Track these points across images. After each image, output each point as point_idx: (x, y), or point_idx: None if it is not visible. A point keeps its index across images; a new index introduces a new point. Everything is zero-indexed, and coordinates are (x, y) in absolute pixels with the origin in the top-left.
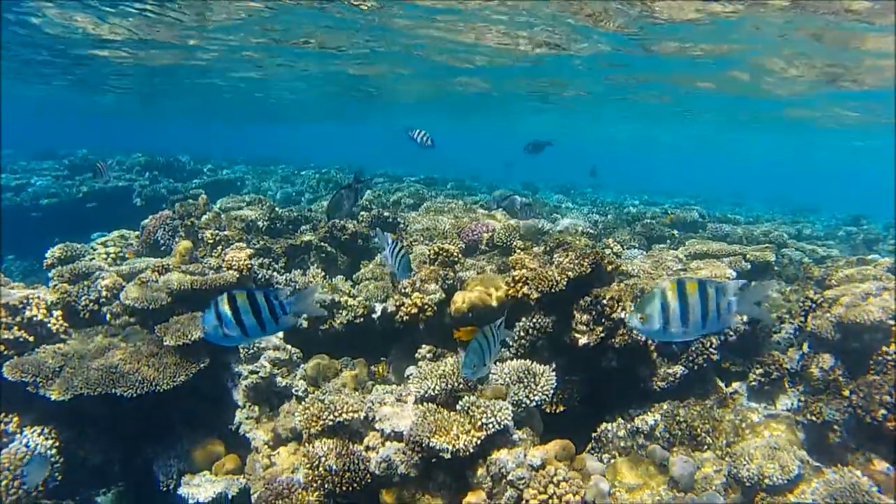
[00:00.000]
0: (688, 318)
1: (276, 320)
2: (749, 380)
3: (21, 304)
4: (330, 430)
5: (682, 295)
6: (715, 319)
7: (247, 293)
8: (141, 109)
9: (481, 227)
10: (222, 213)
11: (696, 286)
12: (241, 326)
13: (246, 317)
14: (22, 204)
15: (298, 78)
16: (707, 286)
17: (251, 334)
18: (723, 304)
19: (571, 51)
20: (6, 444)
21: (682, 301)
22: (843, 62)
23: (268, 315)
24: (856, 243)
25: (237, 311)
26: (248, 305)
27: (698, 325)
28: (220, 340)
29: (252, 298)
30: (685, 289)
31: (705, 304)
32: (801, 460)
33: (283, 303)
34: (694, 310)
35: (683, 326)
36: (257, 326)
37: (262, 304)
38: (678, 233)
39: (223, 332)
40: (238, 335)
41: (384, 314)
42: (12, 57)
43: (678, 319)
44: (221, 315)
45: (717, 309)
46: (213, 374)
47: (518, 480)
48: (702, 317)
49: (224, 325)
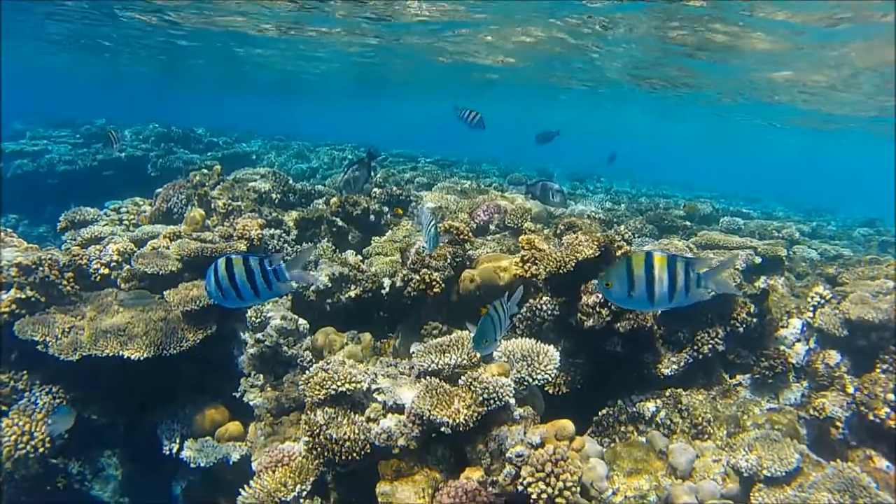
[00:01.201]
0: (654, 289)
1: (270, 286)
2: (754, 372)
3: (34, 265)
4: (332, 400)
5: (650, 266)
6: (683, 293)
7: (242, 258)
8: (161, 78)
9: (493, 208)
10: (236, 184)
11: (664, 259)
12: (236, 290)
13: (241, 282)
14: (39, 170)
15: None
16: (676, 260)
17: (246, 299)
18: (692, 279)
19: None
20: (16, 400)
21: (649, 272)
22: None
23: (261, 281)
24: (870, 244)
25: (232, 276)
26: (243, 271)
27: (665, 297)
28: (221, 301)
29: (247, 264)
30: (653, 261)
31: (673, 278)
32: (800, 454)
33: (276, 269)
34: (661, 282)
35: (649, 297)
36: (252, 292)
37: (256, 270)
38: (690, 224)
39: (221, 294)
40: (233, 298)
41: (392, 289)
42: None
43: (643, 289)
44: (219, 279)
45: (686, 283)
46: (220, 341)
47: (516, 458)
48: (669, 289)
49: (221, 288)
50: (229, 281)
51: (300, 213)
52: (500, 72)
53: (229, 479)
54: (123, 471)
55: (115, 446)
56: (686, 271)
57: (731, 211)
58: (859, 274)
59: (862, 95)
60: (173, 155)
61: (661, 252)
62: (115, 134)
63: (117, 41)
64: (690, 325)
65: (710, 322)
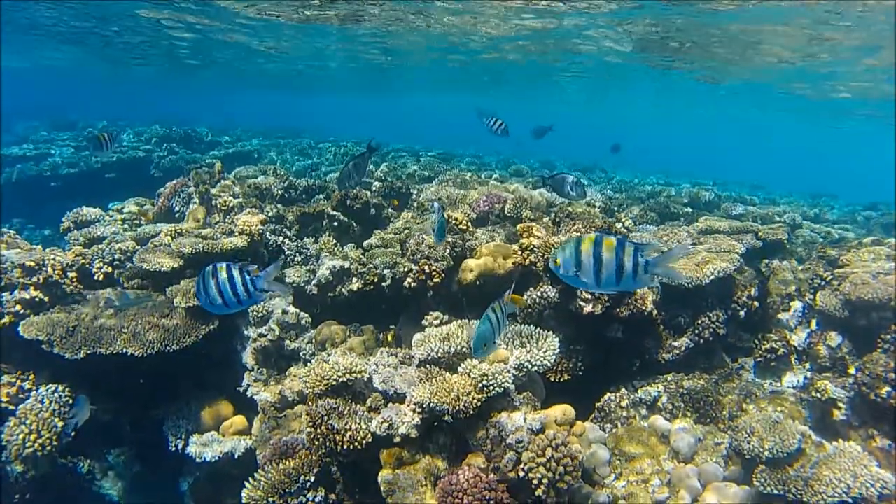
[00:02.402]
0: (601, 270)
1: (249, 295)
2: (755, 356)
3: (37, 265)
4: (333, 391)
5: (598, 248)
6: (630, 277)
7: (226, 268)
8: (164, 77)
9: (493, 198)
10: (237, 181)
11: (613, 243)
12: (221, 297)
13: (224, 290)
14: (42, 173)
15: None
16: (625, 244)
17: (230, 307)
18: (640, 264)
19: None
20: (22, 400)
21: (597, 253)
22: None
23: (242, 289)
24: (873, 227)
25: (219, 285)
26: (226, 279)
27: (612, 280)
28: (210, 308)
29: (229, 273)
30: (602, 243)
31: (620, 261)
32: (801, 435)
33: (254, 279)
34: (607, 264)
35: (595, 278)
36: (234, 299)
37: (237, 279)
38: (692, 210)
39: (209, 301)
40: (219, 305)
41: (393, 281)
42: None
43: (591, 270)
44: (207, 287)
45: (634, 267)
46: (223, 336)
47: (517, 444)
48: (616, 272)
49: (209, 296)
50: (216, 289)
51: (301, 208)
52: (499, 61)
53: (235, 474)
54: (132, 468)
55: (122, 444)
56: (634, 256)
57: (733, 197)
58: (860, 255)
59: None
60: (175, 155)
61: (610, 235)
62: (106, 137)
63: (120, 37)
64: (691, 310)
65: (711, 306)
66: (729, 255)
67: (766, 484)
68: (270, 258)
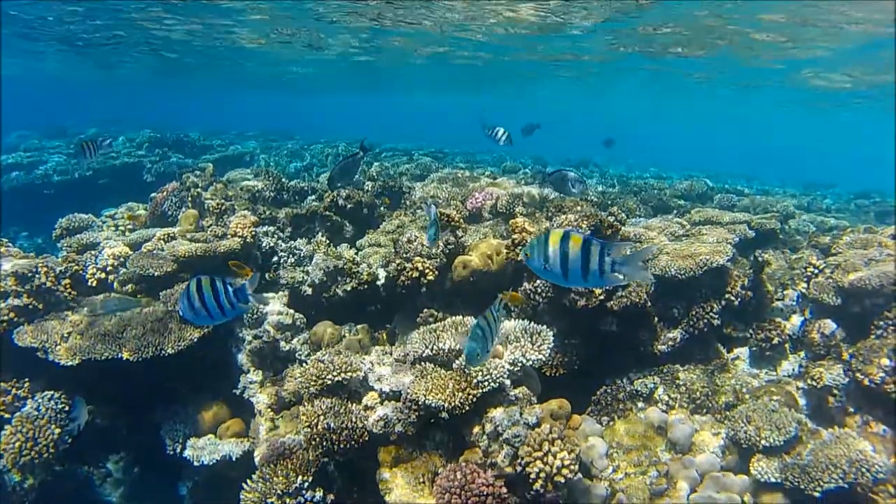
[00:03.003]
0: (567, 266)
1: (233, 306)
2: (750, 345)
3: (30, 273)
4: (329, 390)
5: (565, 244)
6: (596, 275)
7: (210, 280)
8: (154, 79)
9: (485, 195)
10: (229, 184)
11: (580, 240)
12: (206, 309)
13: (210, 302)
14: (35, 182)
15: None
16: (591, 242)
17: (215, 318)
18: (606, 263)
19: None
20: (18, 408)
21: (564, 250)
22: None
23: (225, 301)
24: (867, 215)
25: (203, 297)
26: (211, 292)
27: (578, 276)
28: (194, 320)
29: (214, 285)
30: (569, 239)
31: (586, 258)
32: (797, 422)
33: (237, 290)
34: (574, 261)
35: (562, 273)
36: (219, 311)
37: (221, 291)
38: (685, 202)
39: (193, 314)
40: (204, 316)
41: (387, 280)
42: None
43: (557, 265)
44: (191, 300)
45: (600, 265)
46: (218, 339)
47: (514, 438)
48: (581, 269)
49: (193, 309)
50: (200, 301)
51: (293, 209)
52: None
53: (234, 476)
54: (130, 474)
55: (120, 450)
56: (600, 255)
57: (726, 189)
58: (852, 243)
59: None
60: (168, 160)
61: (578, 232)
62: (91, 144)
63: (111, 41)
64: (685, 301)
65: (705, 296)
66: (722, 246)
67: (763, 472)
68: (264, 260)
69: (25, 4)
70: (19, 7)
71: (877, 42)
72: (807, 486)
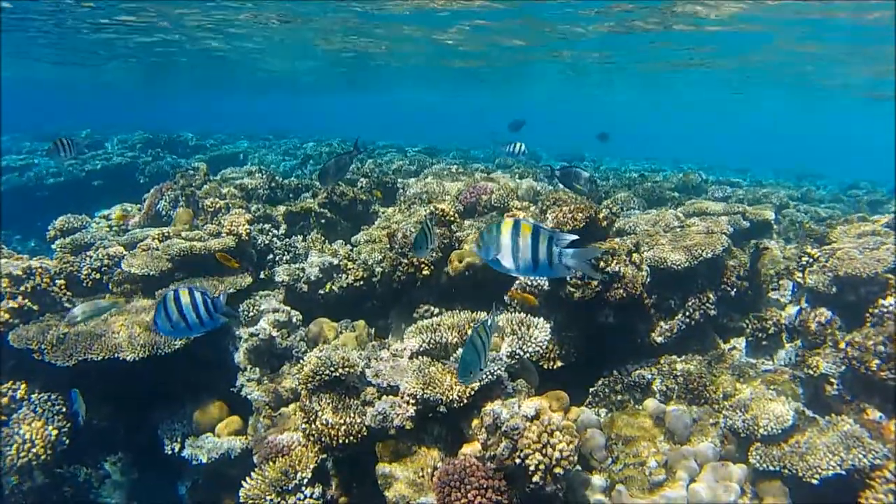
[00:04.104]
0: (518, 255)
1: (211, 317)
2: (747, 335)
3: (25, 274)
4: (327, 386)
5: (516, 234)
6: (546, 265)
7: (189, 292)
8: (145, 83)
9: (479, 189)
10: (223, 183)
11: (530, 229)
12: (185, 322)
13: (189, 314)
14: (27, 184)
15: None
16: (540, 232)
17: (193, 330)
18: (554, 252)
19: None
20: (14, 410)
21: (514, 239)
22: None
23: (204, 312)
24: (860, 205)
25: (181, 310)
26: (190, 304)
27: (529, 265)
28: (171, 334)
29: (192, 297)
30: (520, 229)
31: (536, 248)
32: (795, 411)
33: (215, 301)
34: (524, 250)
35: (514, 263)
36: (198, 323)
37: (199, 303)
38: (679, 195)
39: (170, 327)
40: (182, 329)
41: (383, 276)
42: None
43: (509, 255)
44: (169, 313)
45: (549, 255)
46: (214, 337)
47: (512, 431)
48: (532, 258)
49: (171, 322)
50: (179, 315)
51: (288, 206)
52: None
53: (233, 474)
54: (129, 474)
55: (118, 450)
56: (549, 244)
57: (719, 181)
58: (847, 232)
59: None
60: (161, 160)
61: (528, 221)
62: (65, 142)
63: (101, 46)
64: (681, 292)
65: (701, 287)
66: (717, 237)
67: (761, 461)
68: (259, 258)
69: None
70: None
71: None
72: (805, 474)
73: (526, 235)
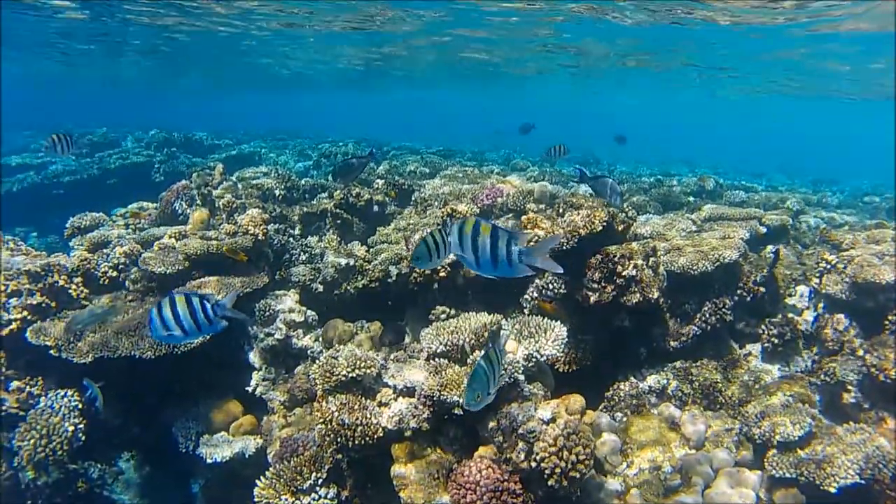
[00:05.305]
0: (478, 254)
1: (210, 322)
2: (763, 341)
3: (43, 271)
4: (343, 386)
5: (476, 232)
6: (505, 264)
7: (185, 297)
8: (161, 81)
9: (495, 192)
10: (239, 183)
11: (489, 228)
12: (180, 328)
13: (185, 320)
14: (44, 182)
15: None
16: (499, 231)
17: (190, 335)
18: (513, 251)
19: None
20: (32, 405)
21: (475, 237)
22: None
23: (202, 318)
24: (878, 211)
25: (177, 316)
26: (186, 309)
27: (488, 264)
28: (167, 340)
29: (190, 302)
30: (479, 228)
31: (495, 247)
32: (811, 418)
33: (215, 306)
34: (483, 249)
35: (475, 261)
36: (195, 328)
37: (198, 308)
38: (694, 199)
39: (165, 333)
40: (179, 336)
41: (399, 277)
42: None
43: (470, 253)
44: (164, 319)
45: (507, 254)
46: (230, 337)
47: (528, 434)
48: (491, 257)
49: (167, 328)
50: (174, 321)
51: (304, 207)
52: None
53: (247, 474)
54: (142, 471)
55: (132, 447)
56: (507, 244)
57: (735, 185)
58: (865, 238)
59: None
60: (176, 160)
61: (487, 222)
62: (63, 137)
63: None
64: (697, 297)
65: (717, 292)
66: (733, 242)
67: (777, 468)
68: (275, 258)
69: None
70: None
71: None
72: (822, 482)
73: (486, 234)
